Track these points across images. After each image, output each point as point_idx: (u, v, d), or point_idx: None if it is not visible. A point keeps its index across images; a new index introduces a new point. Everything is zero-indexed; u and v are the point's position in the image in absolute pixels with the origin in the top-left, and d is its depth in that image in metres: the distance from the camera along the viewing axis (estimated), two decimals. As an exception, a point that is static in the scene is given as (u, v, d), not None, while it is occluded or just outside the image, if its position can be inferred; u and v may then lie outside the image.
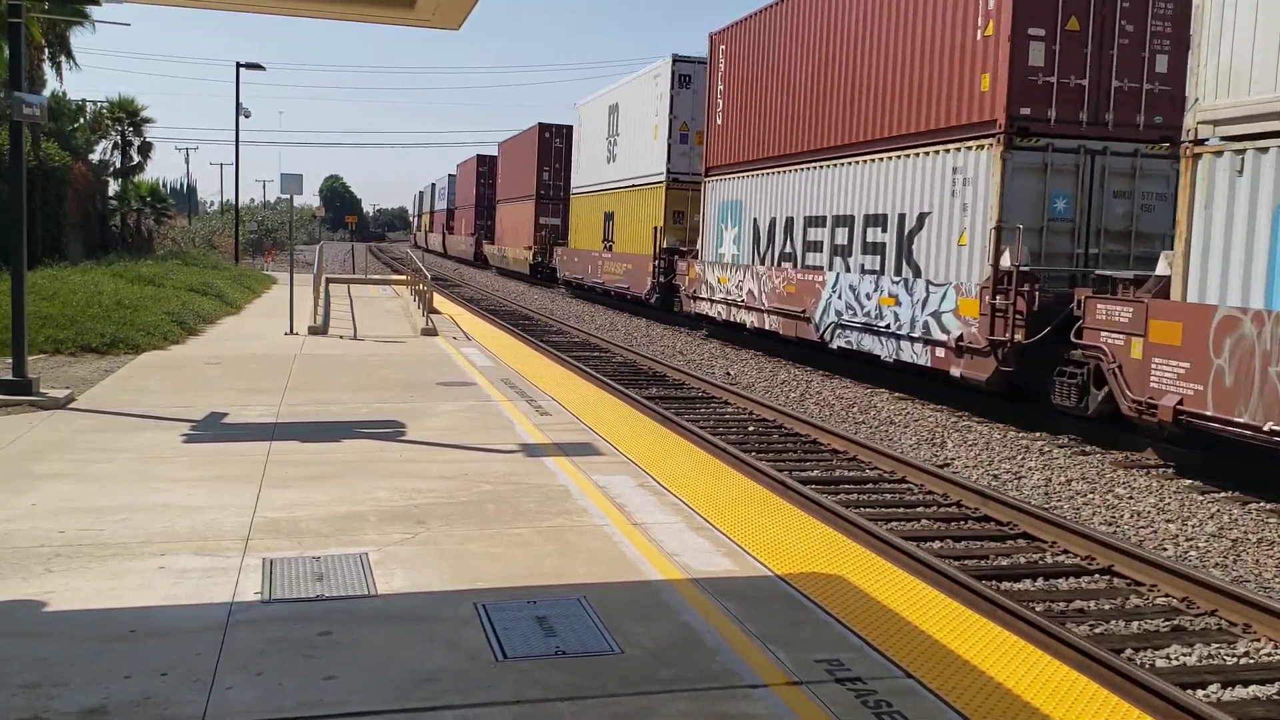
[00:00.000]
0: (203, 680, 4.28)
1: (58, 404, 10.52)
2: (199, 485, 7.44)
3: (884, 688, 4.42)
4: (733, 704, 4.25)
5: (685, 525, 6.80)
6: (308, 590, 5.39)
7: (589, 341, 24.03)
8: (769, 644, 4.84)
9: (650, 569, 5.89)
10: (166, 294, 20.80)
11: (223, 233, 57.47)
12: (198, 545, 6.06)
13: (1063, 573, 8.26)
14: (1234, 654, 6.74)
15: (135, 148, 42.15)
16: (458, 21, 10.33)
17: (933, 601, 5.67)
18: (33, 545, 5.98)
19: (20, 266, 11.06)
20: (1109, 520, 9.92)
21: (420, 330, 19.17)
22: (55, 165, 31.36)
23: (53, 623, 4.90)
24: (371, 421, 10.11)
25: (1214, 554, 8.95)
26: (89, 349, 14.92)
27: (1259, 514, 10.10)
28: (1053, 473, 11.67)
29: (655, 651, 4.73)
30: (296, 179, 19.11)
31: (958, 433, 13.80)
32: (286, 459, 8.35)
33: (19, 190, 11.05)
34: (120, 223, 41.78)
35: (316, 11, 11.28)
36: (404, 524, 6.60)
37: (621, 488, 7.72)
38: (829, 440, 12.91)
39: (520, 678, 4.41)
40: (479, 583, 5.56)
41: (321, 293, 22.19)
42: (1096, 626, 7.13)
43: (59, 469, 7.85)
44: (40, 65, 32.15)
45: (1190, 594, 7.60)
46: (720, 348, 23.26)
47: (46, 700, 4.08)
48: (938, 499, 10.40)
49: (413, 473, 8.01)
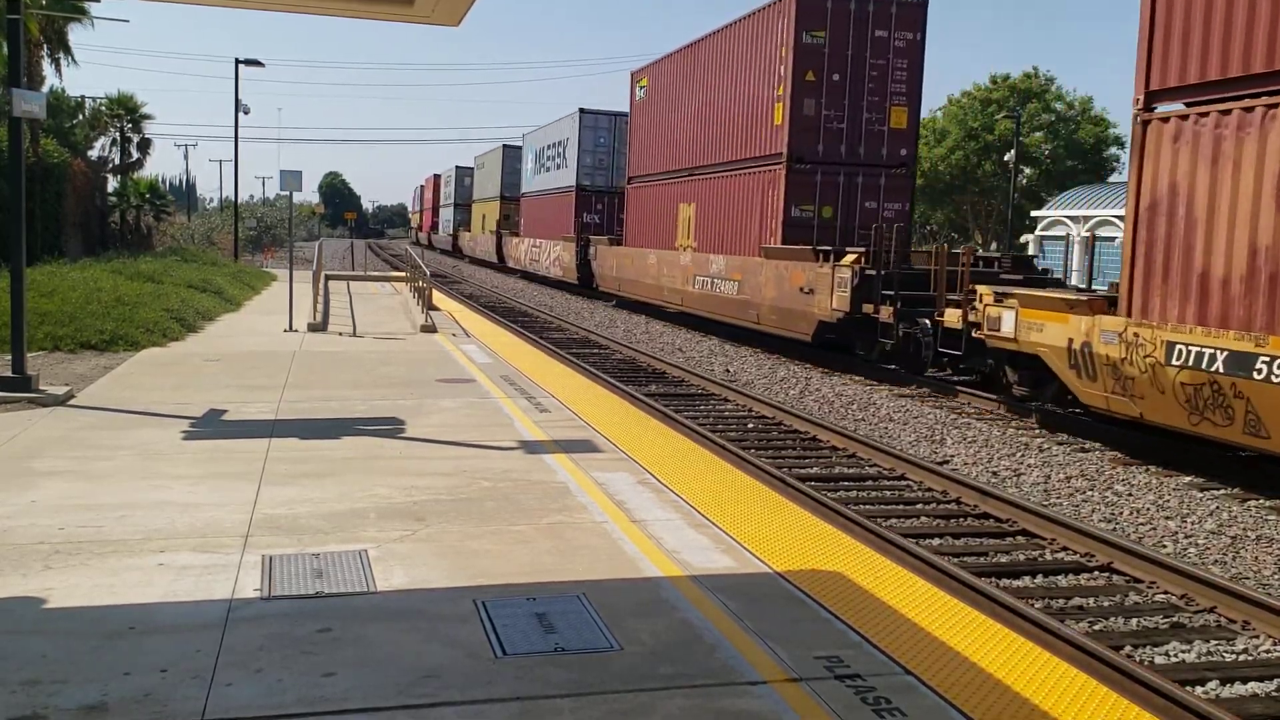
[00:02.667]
0: (202, 677, 4.28)
1: (57, 401, 10.52)
2: (198, 482, 7.43)
3: (883, 684, 4.43)
4: (732, 700, 4.25)
5: (685, 522, 6.80)
6: (307, 587, 5.39)
7: (588, 339, 24.03)
8: (768, 641, 4.84)
9: (650, 566, 5.89)
10: (166, 291, 20.79)
11: (222, 229, 57.47)
12: (197, 542, 6.06)
13: (1062, 570, 8.27)
14: (1233, 651, 6.75)
15: (134, 144, 42.19)
16: (457, 18, 10.33)
17: (932, 598, 5.67)
18: (32, 542, 5.98)
19: (19, 263, 11.05)
20: (1108, 517, 9.92)
21: (419, 327, 19.16)
22: (54, 162, 31.35)
23: (52, 620, 4.90)
24: (371, 418, 10.11)
25: (1213, 551, 8.96)
26: (88, 346, 14.92)
27: (1258, 511, 10.11)
28: (1052, 470, 11.67)
29: (655, 648, 4.73)
30: (296, 176, 19.10)
31: (957, 430, 13.80)
32: (286, 456, 8.34)
33: (18, 187, 11.03)
34: (119, 219, 41.78)
35: (317, 8, 11.27)
36: (403, 521, 6.60)
37: (621, 485, 7.72)
38: (828, 437, 12.91)
39: (520, 674, 4.41)
40: (478, 580, 5.56)
41: (321, 289, 22.19)
42: (1096, 623, 7.14)
43: (58, 466, 7.84)
44: (39, 62, 32.15)
45: (1189, 591, 7.61)
46: (720, 345, 23.27)
47: (46, 697, 4.08)
48: (937, 496, 10.41)
49: (412, 470, 8.01)
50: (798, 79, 21.13)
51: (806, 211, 21.72)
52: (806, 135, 21.40)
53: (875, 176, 21.93)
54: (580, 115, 39.46)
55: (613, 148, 38.95)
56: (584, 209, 39.04)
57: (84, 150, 39.09)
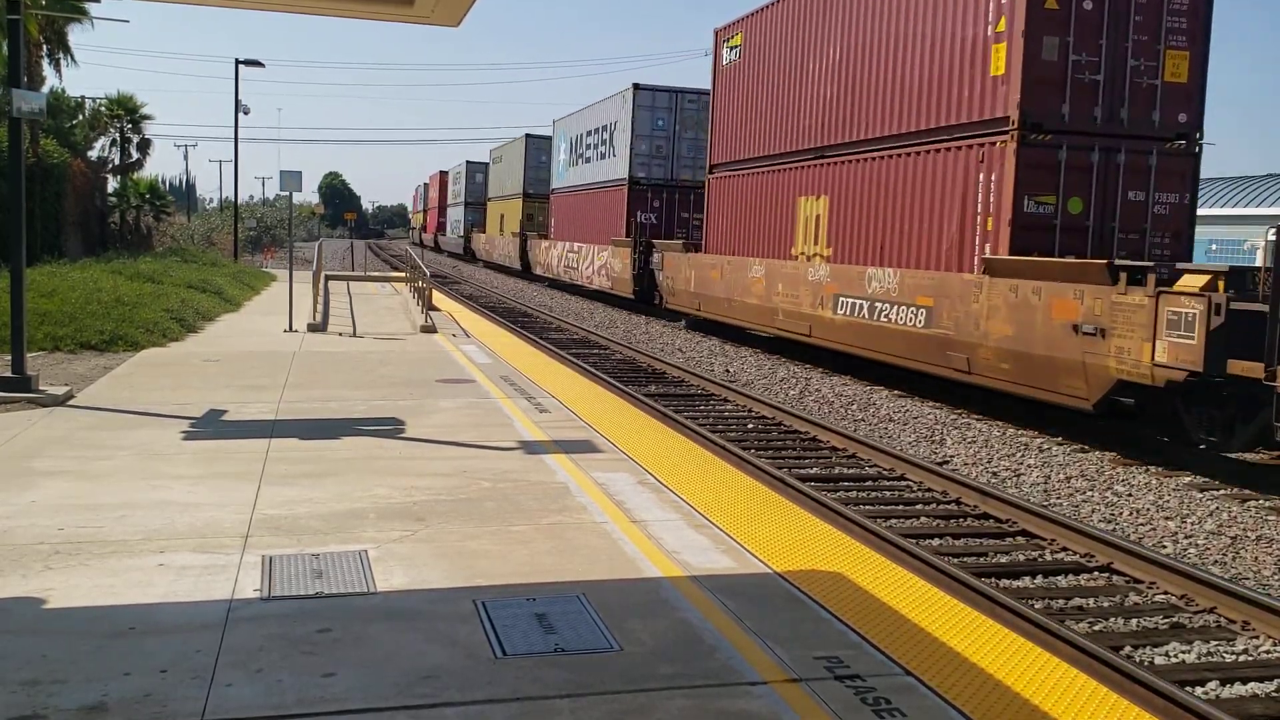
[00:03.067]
0: (202, 677, 4.28)
1: (57, 401, 10.52)
2: (198, 482, 7.43)
3: (883, 685, 4.43)
4: (732, 701, 4.25)
5: (685, 522, 6.80)
6: (307, 587, 5.39)
7: (588, 339, 24.04)
8: (768, 641, 4.84)
9: (650, 566, 5.89)
10: (165, 291, 20.80)
11: (222, 230, 57.53)
12: (197, 542, 6.06)
13: (1062, 570, 8.26)
14: (1233, 651, 6.75)
15: (134, 144, 42.17)
16: (457, 19, 10.33)
17: (932, 599, 5.68)
18: (32, 542, 5.97)
19: (19, 263, 11.05)
20: (1108, 518, 9.93)
21: (419, 327, 19.17)
22: (54, 162, 31.36)
23: (52, 620, 4.89)
24: (371, 419, 10.11)
25: (1213, 551, 8.96)
26: (88, 346, 14.92)
27: (1258, 511, 10.11)
28: (1052, 470, 11.68)
29: (655, 649, 4.73)
30: (295, 176, 19.11)
31: (957, 430, 13.80)
32: (286, 456, 8.34)
33: (18, 187, 11.03)
34: (119, 220, 41.80)
35: (317, 8, 11.28)
36: (403, 521, 6.60)
37: (621, 485, 7.72)
38: (828, 437, 12.91)
39: (520, 675, 4.41)
40: (478, 580, 5.56)
41: (320, 290, 22.19)
42: (1095, 624, 7.14)
43: (58, 466, 7.84)
44: (39, 62, 32.14)
45: (1189, 591, 7.61)
46: (720, 344, 23.26)
47: (46, 697, 4.08)
48: (937, 496, 10.40)
49: (412, 470, 8.01)
50: (1034, 6, 14.12)
51: (1046, 205, 14.45)
52: (1047, 91, 14.27)
53: (1144, 153, 14.63)
54: (635, 92, 32.12)
55: (672, 132, 32.25)
56: (638, 207, 32.16)
57: (84, 150, 39.08)
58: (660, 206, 32.46)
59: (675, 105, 32.19)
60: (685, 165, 32.17)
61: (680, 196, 32.17)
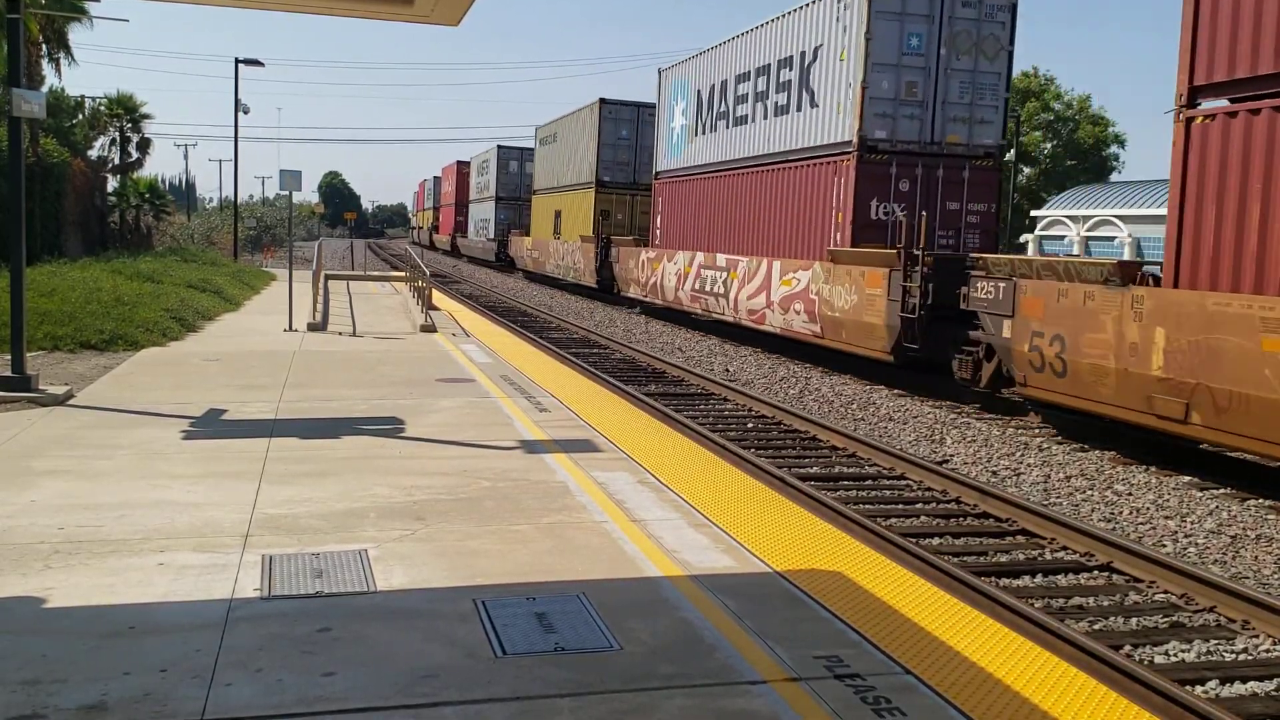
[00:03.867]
0: (202, 677, 4.28)
1: (56, 400, 10.52)
2: (198, 482, 7.43)
3: (883, 684, 4.43)
4: (732, 700, 4.25)
5: (684, 522, 6.80)
6: (307, 587, 5.39)
7: (588, 338, 24.03)
8: (768, 640, 4.84)
9: (649, 565, 5.89)
10: (165, 290, 20.79)
11: (222, 229, 57.52)
12: (197, 542, 6.06)
13: (1062, 569, 8.27)
14: (1232, 650, 6.75)
15: (134, 144, 42.21)
16: (456, 18, 10.33)
17: (932, 598, 5.67)
18: (32, 542, 5.97)
19: (19, 263, 11.04)
20: (1108, 517, 9.93)
21: (419, 327, 19.16)
22: (54, 161, 31.36)
23: (52, 619, 4.89)
24: (370, 418, 10.11)
25: (1213, 550, 8.96)
26: (88, 345, 14.91)
27: (1258, 510, 10.11)
28: (1052, 469, 11.68)
29: (655, 648, 4.73)
30: (295, 175, 19.09)
31: (956, 429, 13.80)
32: (285, 455, 8.34)
33: (18, 187, 11.03)
34: (119, 219, 41.81)
35: (317, 8, 11.27)
36: (403, 520, 6.60)
37: (620, 484, 7.72)
38: (828, 437, 12.91)
39: (520, 674, 4.41)
40: (478, 579, 5.56)
41: (320, 289, 22.18)
42: (1095, 623, 7.14)
43: (58, 465, 7.84)
44: (38, 61, 32.16)
45: (1189, 590, 7.61)
46: (720, 344, 23.27)
47: (46, 697, 4.08)
48: (937, 496, 10.40)
49: (412, 469, 8.01)
50: None
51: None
52: None
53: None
54: None
55: (935, 60, 18.07)
56: (875, 191, 18.45)
57: (84, 150, 39.10)
58: (912, 188, 18.56)
59: (938, 11, 18.04)
60: (957, 120, 18.60)
61: (948, 173, 18.74)
